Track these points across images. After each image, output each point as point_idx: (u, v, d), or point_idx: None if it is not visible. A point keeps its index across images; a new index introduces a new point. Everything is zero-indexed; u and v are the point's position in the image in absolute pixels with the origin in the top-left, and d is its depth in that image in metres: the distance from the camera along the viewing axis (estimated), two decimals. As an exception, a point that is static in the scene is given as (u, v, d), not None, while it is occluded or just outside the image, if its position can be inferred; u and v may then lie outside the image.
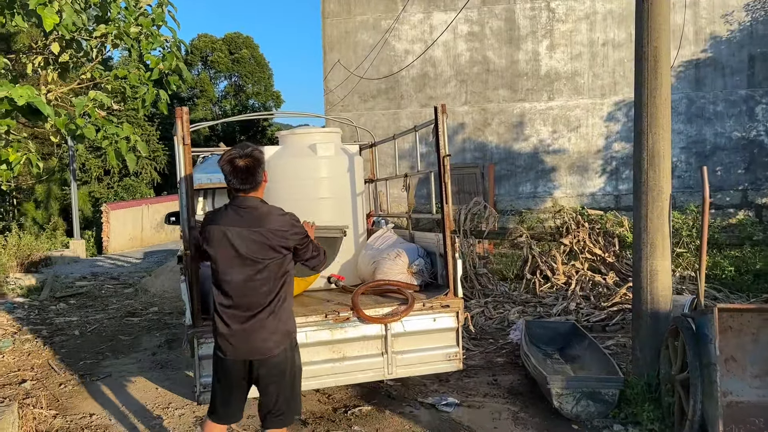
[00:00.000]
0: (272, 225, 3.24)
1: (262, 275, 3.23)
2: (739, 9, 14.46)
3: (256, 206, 3.28)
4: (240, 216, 3.26)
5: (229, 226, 3.25)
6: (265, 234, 3.21)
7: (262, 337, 3.23)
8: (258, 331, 3.22)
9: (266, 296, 3.24)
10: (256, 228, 3.22)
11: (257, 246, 3.21)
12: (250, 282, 3.23)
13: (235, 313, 3.25)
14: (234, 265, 3.24)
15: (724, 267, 8.83)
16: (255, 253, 3.21)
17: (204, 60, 40.14)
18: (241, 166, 3.21)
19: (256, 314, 3.23)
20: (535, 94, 15.40)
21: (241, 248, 3.21)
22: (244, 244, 3.21)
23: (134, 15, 7.59)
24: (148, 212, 23.20)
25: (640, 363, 4.92)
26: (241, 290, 3.24)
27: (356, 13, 16.00)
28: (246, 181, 3.24)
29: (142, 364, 6.74)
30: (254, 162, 3.25)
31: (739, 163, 14.70)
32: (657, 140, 4.71)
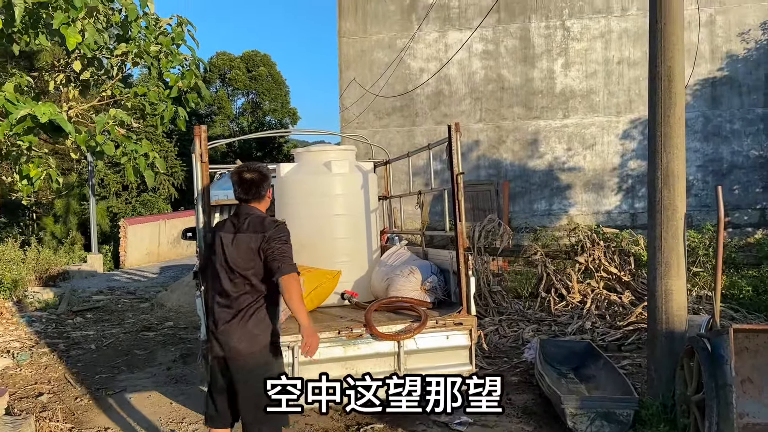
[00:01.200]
0: (259, 229, 3.42)
1: (245, 279, 3.43)
2: (756, 27, 14.41)
3: (252, 213, 3.54)
4: (234, 223, 3.54)
5: (224, 231, 3.54)
6: (253, 238, 3.41)
7: (238, 337, 3.40)
8: (235, 332, 3.41)
9: (247, 300, 3.44)
10: (245, 232, 3.45)
11: (243, 250, 3.42)
12: (234, 284, 3.45)
13: (221, 312, 3.48)
14: (223, 269, 3.49)
15: (741, 287, 8.71)
16: (240, 257, 3.43)
17: (222, 77, 40.69)
18: (247, 178, 3.54)
19: (237, 316, 3.42)
20: (550, 112, 15.40)
21: (229, 252, 3.46)
22: (233, 248, 3.46)
23: (154, 34, 7.74)
24: (165, 227, 23.42)
25: (656, 383, 4.87)
26: (227, 292, 3.47)
27: (372, 32, 16.17)
28: (248, 191, 3.54)
29: (157, 378, 6.78)
30: (259, 176, 3.57)
31: (756, 181, 14.55)
32: (671, 159, 4.71)
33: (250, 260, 3.42)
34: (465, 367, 4.83)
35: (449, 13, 15.76)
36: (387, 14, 16.08)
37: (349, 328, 4.58)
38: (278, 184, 5.97)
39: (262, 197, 3.60)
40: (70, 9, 6.00)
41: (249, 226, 3.48)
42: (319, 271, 5.31)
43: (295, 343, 4.37)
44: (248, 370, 3.40)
